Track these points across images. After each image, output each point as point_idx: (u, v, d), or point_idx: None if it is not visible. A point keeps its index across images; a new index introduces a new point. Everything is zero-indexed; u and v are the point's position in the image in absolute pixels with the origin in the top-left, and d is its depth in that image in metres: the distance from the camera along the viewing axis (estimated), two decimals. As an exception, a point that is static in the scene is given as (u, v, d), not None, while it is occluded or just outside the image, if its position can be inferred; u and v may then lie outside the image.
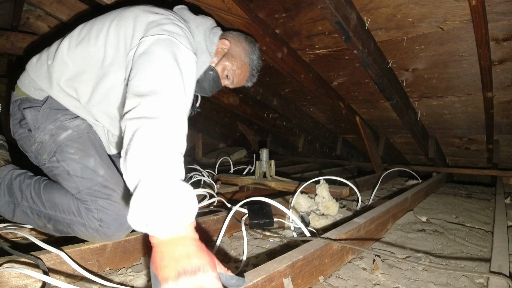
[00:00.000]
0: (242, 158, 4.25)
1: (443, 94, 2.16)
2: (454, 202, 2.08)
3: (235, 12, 1.74)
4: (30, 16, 2.46)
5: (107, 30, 1.07)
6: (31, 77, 1.15)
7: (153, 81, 0.86)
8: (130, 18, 1.05)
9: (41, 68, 1.15)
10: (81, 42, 1.10)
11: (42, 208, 1.09)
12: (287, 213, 1.21)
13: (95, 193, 1.05)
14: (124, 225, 1.06)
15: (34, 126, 1.11)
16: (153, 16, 1.03)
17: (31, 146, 1.13)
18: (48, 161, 1.11)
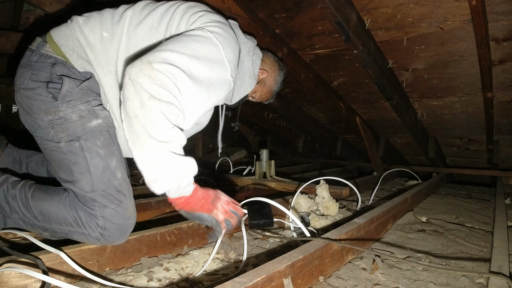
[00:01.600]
0: (242, 159, 4.25)
1: (443, 94, 2.16)
2: (454, 202, 2.08)
3: (235, 12, 1.75)
4: (30, 16, 2.46)
5: (171, 15, 1.05)
6: (80, 41, 1.03)
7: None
8: (197, 14, 1.05)
9: (93, 37, 1.03)
10: (142, 22, 1.04)
11: (35, 221, 1.02)
12: (287, 213, 1.21)
13: (108, 197, 1.01)
14: (126, 233, 1.05)
15: (63, 98, 0.99)
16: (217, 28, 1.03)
17: (46, 114, 0.99)
18: (65, 142, 0.99)
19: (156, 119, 0.86)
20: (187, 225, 1.25)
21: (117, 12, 1.07)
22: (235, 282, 0.73)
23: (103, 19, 1.05)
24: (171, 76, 0.88)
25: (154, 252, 1.15)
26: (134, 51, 1.03)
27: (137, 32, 1.03)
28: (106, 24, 1.04)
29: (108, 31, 1.03)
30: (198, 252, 1.19)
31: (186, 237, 1.25)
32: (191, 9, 1.07)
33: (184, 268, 1.09)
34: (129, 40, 1.03)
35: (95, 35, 1.03)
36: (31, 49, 1.06)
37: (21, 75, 1.03)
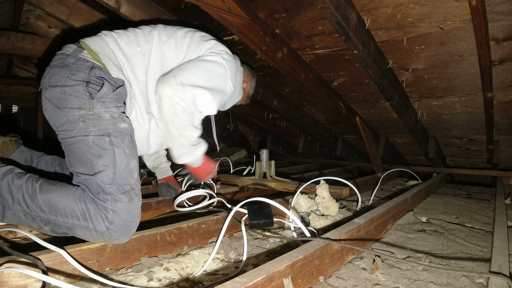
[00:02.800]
0: (242, 159, 4.25)
1: (443, 94, 2.16)
2: (454, 202, 2.08)
3: (235, 12, 1.75)
4: (30, 16, 2.47)
5: (190, 39, 1.33)
6: (115, 52, 1.20)
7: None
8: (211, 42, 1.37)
9: (129, 49, 1.22)
10: (167, 42, 1.28)
11: (40, 212, 1.04)
12: (287, 213, 1.21)
13: (123, 192, 1.08)
14: (130, 231, 1.08)
15: (100, 98, 1.11)
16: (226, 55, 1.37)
17: (79, 109, 1.08)
18: (94, 136, 1.08)
19: (184, 124, 1.23)
20: (187, 225, 1.25)
21: (144, 31, 1.29)
22: (235, 282, 0.73)
23: (136, 36, 1.26)
24: (196, 93, 1.21)
25: (154, 252, 1.15)
26: (161, 65, 1.26)
27: (164, 49, 1.27)
28: (139, 40, 1.25)
29: (141, 46, 1.24)
30: (198, 252, 1.19)
31: (186, 237, 1.25)
32: (205, 37, 1.38)
33: (184, 268, 1.09)
34: (157, 56, 1.26)
35: (131, 48, 1.23)
36: (65, 53, 1.17)
37: (56, 74, 1.12)
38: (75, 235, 1.06)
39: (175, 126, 1.23)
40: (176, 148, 1.32)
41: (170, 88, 1.17)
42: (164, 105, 1.20)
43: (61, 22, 2.51)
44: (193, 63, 1.25)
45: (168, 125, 1.24)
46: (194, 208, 1.59)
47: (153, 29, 1.30)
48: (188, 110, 1.21)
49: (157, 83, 1.23)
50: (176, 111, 1.20)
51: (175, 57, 1.28)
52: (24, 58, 4.09)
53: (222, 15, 1.73)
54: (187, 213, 1.59)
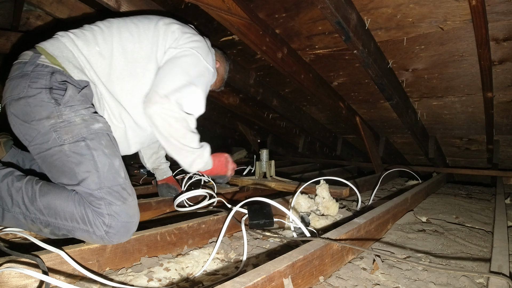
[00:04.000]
0: (242, 159, 4.25)
1: (443, 94, 2.16)
2: (454, 202, 2.08)
3: (235, 12, 1.75)
4: (30, 16, 2.47)
5: (154, 31, 1.26)
6: (74, 53, 1.13)
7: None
8: (174, 29, 1.29)
9: (87, 50, 1.15)
10: (129, 37, 1.21)
11: (39, 215, 1.02)
12: (287, 213, 1.21)
13: (114, 194, 1.05)
14: (130, 232, 1.07)
15: (66, 103, 1.05)
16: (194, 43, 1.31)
17: (48, 118, 1.03)
18: (70, 143, 1.03)
19: (182, 133, 1.24)
20: (187, 225, 1.25)
21: (103, 29, 1.21)
22: (235, 282, 0.73)
23: (94, 34, 1.18)
24: (181, 99, 1.22)
25: (154, 252, 1.15)
26: (126, 62, 1.20)
27: (127, 45, 1.20)
28: (98, 39, 1.17)
29: (100, 46, 1.16)
30: (198, 252, 1.19)
31: (186, 237, 1.25)
32: (169, 26, 1.29)
33: (184, 268, 1.09)
34: (119, 53, 1.19)
35: (89, 48, 1.15)
36: (22, 61, 1.10)
37: (16, 86, 1.06)
38: (75, 237, 1.04)
39: (174, 137, 1.23)
40: (184, 157, 1.30)
41: (156, 105, 1.17)
42: (157, 122, 1.20)
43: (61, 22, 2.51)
44: (167, 69, 1.23)
45: (169, 139, 1.23)
46: (194, 208, 1.59)
47: (111, 25, 1.22)
48: (180, 118, 1.21)
49: (143, 104, 1.22)
50: (170, 123, 1.20)
51: (140, 51, 1.22)
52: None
53: (222, 15, 1.73)
54: (187, 213, 1.59)
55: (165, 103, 1.18)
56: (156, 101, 1.17)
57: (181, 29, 1.31)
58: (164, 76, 1.21)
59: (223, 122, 4.18)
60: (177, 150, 1.27)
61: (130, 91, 1.22)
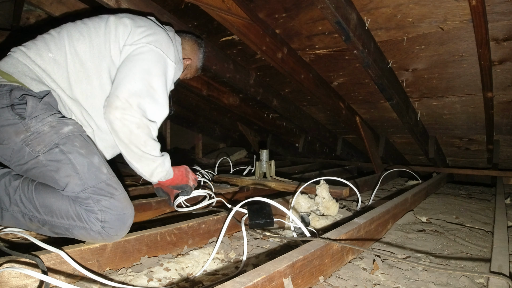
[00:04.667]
0: (242, 159, 4.25)
1: (443, 94, 2.16)
2: (454, 202, 2.08)
3: (235, 12, 1.75)
4: (30, 16, 2.46)
5: (108, 27, 1.21)
6: (28, 66, 1.11)
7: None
8: (126, 23, 1.23)
9: (41, 59, 1.12)
10: (80, 38, 1.17)
11: (36, 213, 1.03)
12: (287, 213, 1.21)
13: (100, 192, 1.04)
14: (126, 223, 1.07)
15: (30, 115, 1.03)
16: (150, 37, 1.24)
17: (17, 134, 1.02)
18: (45, 153, 1.02)
19: (143, 140, 1.18)
20: (187, 225, 1.25)
21: (53, 35, 1.18)
22: (235, 282, 0.73)
23: (46, 42, 1.16)
24: (145, 106, 1.18)
25: (154, 252, 1.15)
26: (81, 64, 1.17)
27: (79, 47, 1.17)
28: (50, 46, 1.15)
29: (52, 52, 1.14)
30: (198, 252, 1.19)
31: (186, 237, 1.25)
32: (121, 21, 1.23)
33: (184, 268, 1.09)
34: (73, 56, 1.16)
35: (42, 57, 1.13)
36: None
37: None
38: (73, 236, 1.04)
39: (135, 144, 1.17)
40: (145, 166, 1.24)
41: (117, 110, 1.12)
42: (117, 127, 1.14)
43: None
44: (126, 69, 1.17)
45: (129, 146, 1.17)
46: (193, 208, 1.60)
47: (61, 30, 1.19)
48: (142, 124, 1.16)
49: (103, 109, 1.17)
50: (131, 129, 1.15)
51: (92, 50, 1.18)
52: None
53: (222, 15, 1.73)
54: (187, 213, 1.59)
55: (127, 108, 1.13)
56: (117, 106, 1.12)
57: (133, 23, 1.23)
58: (123, 78, 1.16)
59: (223, 122, 4.18)
60: (138, 158, 1.20)
61: (90, 93, 1.19)
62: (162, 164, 1.28)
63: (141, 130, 1.16)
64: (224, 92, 3.06)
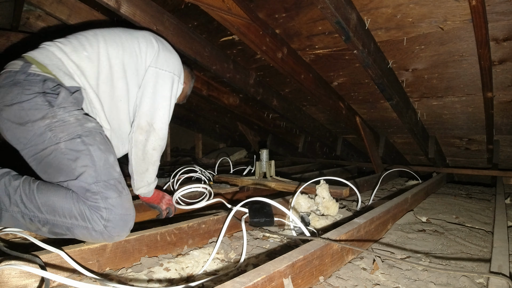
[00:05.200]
0: (242, 159, 4.25)
1: (443, 94, 2.16)
2: (454, 202, 2.08)
3: (235, 12, 1.75)
4: (30, 16, 2.46)
5: (138, 43, 1.34)
6: (63, 61, 1.17)
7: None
8: (155, 48, 1.37)
9: (76, 56, 1.19)
10: (113, 43, 1.28)
11: (38, 212, 1.04)
12: (287, 213, 1.21)
13: (110, 187, 1.08)
14: (128, 224, 1.09)
15: (59, 104, 1.09)
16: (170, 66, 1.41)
17: (43, 119, 1.06)
18: (66, 141, 1.07)
19: (154, 160, 1.38)
20: (187, 225, 1.25)
21: (87, 36, 1.26)
22: (235, 282, 0.73)
23: (80, 41, 1.23)
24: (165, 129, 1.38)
25: (154, 252, 1.15)
26: (110, 67, 1.26)
27: (111, 51, 1.26)
28: (84, 44, 1.23)
29: (87, 51, 1.22)
30: (198, 252, 1.19)
31: (186, 237, 1.25)
32: (150, 44, 1.37)
33: (184, 268, 1.09)
34: (104, 58, 1.24)
35: (78, 53, 1.20)
36: (12, 71, 1.12)
37: (8, 93, 1.08)
38: (74, 236, 1.05)
39: (148, 161, 1.36)
40: (144, 179, 1.38)
41: (142, 134, 1.32)
42: (140, 145, 1.32)
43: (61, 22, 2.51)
44: (152, 95, 1.33)
45: (144, 160, 1.35)
46: (192, 207, 1.60)
47: (97, 34, 1.28)
48: (159, 148, 1.38)
49: (132, 128, 1.33)
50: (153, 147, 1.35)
51: (123, 58, 1.28)
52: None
53: (222, 15, 1.73)
54: (187, 213, 1.60)
55: (151, 132, 1.33)
56: (148, 131, 1.32)
57: (160, 47, 1.39)
58: (152, 106, 1.33)
59: (223, 122, 4.18)
60: (143, 171, 1.37)
61: (113, 94, 1.28)
62: (150, 185, 1.44)
63: (156, 152, 1.36)
64: (224, 92, 3.06)
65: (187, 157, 4.57)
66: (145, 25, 1.89)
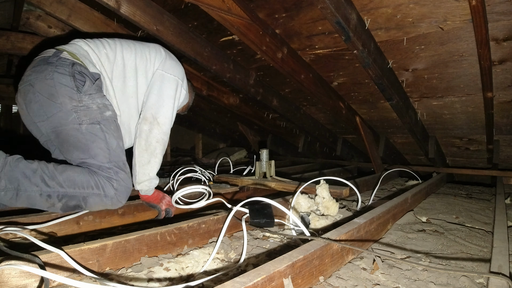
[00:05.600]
0: (242, 159, 4.25)
1: (443, 94, 2.16)
2: (454, 202, 2.08)
3: (235, 12, 1.75)
4: (30, 16, 2.46)
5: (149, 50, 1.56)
6: (89, 53, 1.40)
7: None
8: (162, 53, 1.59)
9: (98, 51, 1.42)
10: (128, 48, 1.50)
11: (59, 188, 1.22)
12: (287, 213, 1.21)
13: (120, 166, 1.36)
14: (128, 194, 1.38)
15: (85, 91, 1.31)
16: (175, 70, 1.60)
17: (71, 100, 1.28)
18: (87, 124, 1.30)
19: (157, 153, 1.48)
20: (187, 225, 1.25)
21: (108, 40, 1.51)
22: (235, 282, 0.73)
23: (102, 42, 1.47)
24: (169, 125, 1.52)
25: (154, 252, 1.15)
26: (123, 67, 1.47)
27: (126, 55, 1.49)
28: (105, 45, 1.47)
29: (107, 50, 1.46)
30: (198, 252, 1.19)
31: (186, 237, 1.25)
32: (159, 55, 1.57)
33: (184, 268, 1.09)
34: (119, 59, 1.47)
35: (99, 50, 1.44)
36: (45, 55, 1.35)
37: (42, 70, 1.29)
38: (86, 205, 1.27)
39: (150, 152, 1.47)
40: (146, 171, 1.47)
41: (146, 125, 1.46)
42: (144, 135, 1.46)
43: (61, 22, 2.51)
44: (159, 93, 1.50)
45: (147, 151, 1.46)
46: (192, 207, 1.60)
47: (115, 39, 1.52)
48: (163, 141, 1.50)
49: (139, 120, 1.49)
50: (157, 139, 1.48)
51: (135, 61, 1.50)
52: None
53: (222, 15, 1.73)
54: (187, 213, 1.60)
55: (155, 125, 1.47)
56: (151, 123, 1.47)
57: (167, 55, 1.60)
58: (158, 101, 1.49)
59: (223, 122, 4.18)
60: (145, 163, 1.47)
61: (124, 89, 1.49)
62: (152, 181, 1.51)
63: (158, 146, 1.48)
64: (224, 92, 3.06)
65: (187, 157, 4.57)
66: (145, 25, 1.90)
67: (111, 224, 1.50)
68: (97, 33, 2.25)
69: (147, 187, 1.49)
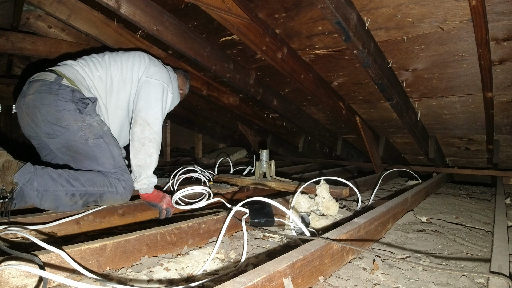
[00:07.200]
0: (242, 159, 4.25)
1: (443, 94, 2.16)
2: (454, 202, 2.08)
3: (235, 12, 1.75)
4: (30, 16, 2.46)
5: (133, 60, 1.68)
6: (84, 77, 1.56)
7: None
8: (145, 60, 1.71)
9: (91, 75, 1.59)
10: (114, 64, 1.64)
11: (81, 187, 1.40)
12: (287, 213, 1.21)
13: (124, 169, 1.56)
14: (132, 191, 1.57)
15: (86, 112, 1.49)
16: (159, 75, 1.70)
17: (76, 121, 1.46)
18: (92, 140, 1.49)
19: (150, 152, 1.58)
20: (187, 225, 1.25)
21: (98, 59, 1.65)
22: (235, 282, 0.73)
23: (94, 63, 1.62)
24: (159, 125, 1.63)
25: (154, 252, 1.15)
26: (111, 84, 1.63)
27: (112, 71, 1.63)
28: (97, 66, 1.62)
29: (99, 71, 1.61)
30: (198, 252, 1.19)
31: (186, 237, 1.25)
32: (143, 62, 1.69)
33: (184, 268, 1.09)
34: (108, 77, 1.63)
35: (93, 74, 1.60)
36: (47, 80, 1.48)
37: (45, 98, 1.44)
38: (101, 200, 1.47)
39: (144, 152, 1.57)
40: (143, 170, 1.57)
41: (137, 127, 1.58)
42: (138, 137, 1.57)
43: (61, 22, 2.51)
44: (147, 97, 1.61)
45: (141, 151, 1.57)
46: (192, 206, 1.60)
47: (104, 56, 1.66)
48: (156, 141, 1.60)
49: (132, 123, 1.61)
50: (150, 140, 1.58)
51: (121, 75, 1.64)
52: (24, 58, 4.09)
53: (222, 15, 1.73)
54: (187, 213, 1.60)
55: (146, 126, 1.58)
56: (139, 125, 1.58)
57: (151, 62, 1.71)
58: (145, 104, 1.60)
59: (223, 122, 4.18)
60: (142, 163, 1.57)
61: (116, 103, 1.65)
62: (151, 178, 1.60)
63: (152, 146, 1.58)
64: (224, 92, 3.06)
65: (187, 157, 4.57)
66: (145, 25, 1.90)
67: (111, 224, 1.50)
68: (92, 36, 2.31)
69: (145, 185, 1.57)
